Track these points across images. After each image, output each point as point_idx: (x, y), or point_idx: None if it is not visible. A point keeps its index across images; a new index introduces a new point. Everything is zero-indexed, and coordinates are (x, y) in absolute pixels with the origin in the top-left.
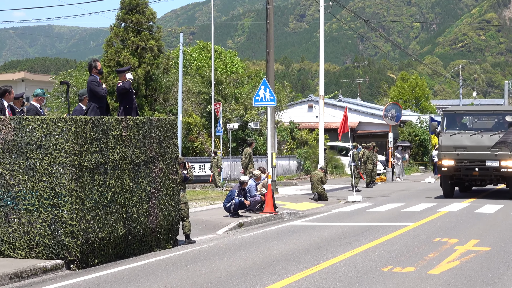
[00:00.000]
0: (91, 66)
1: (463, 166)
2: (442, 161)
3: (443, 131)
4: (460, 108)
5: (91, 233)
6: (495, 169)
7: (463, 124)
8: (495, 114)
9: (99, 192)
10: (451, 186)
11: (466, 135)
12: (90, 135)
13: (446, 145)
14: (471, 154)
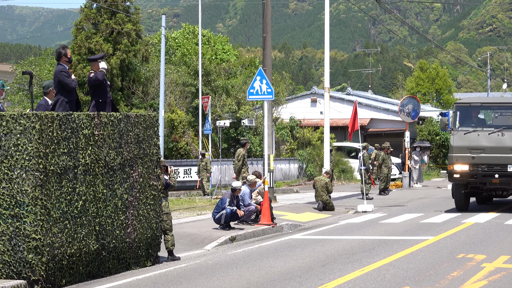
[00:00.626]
0: (60, 54)
1: (480, 172)
2: (454, 165)
3: (455, 129)
4: (476, 99)
5: (59, 248)
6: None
7: (480, 119)
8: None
9: (68, 201)
10: (466, 196)
11: (483, 134)
12: (57, 134)
13: (458, 145)
14: (490, 157)
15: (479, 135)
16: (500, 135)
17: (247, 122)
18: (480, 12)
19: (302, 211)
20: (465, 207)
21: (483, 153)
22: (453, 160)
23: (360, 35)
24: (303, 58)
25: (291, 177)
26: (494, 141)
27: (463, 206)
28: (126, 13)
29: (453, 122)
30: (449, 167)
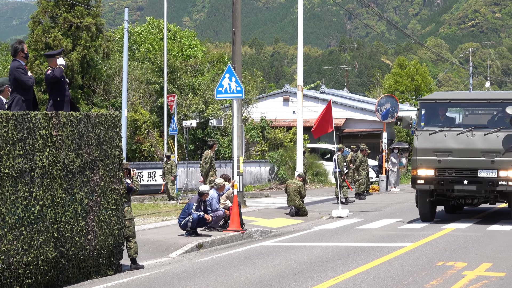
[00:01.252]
0: (17, 49)
1: (447, 178)
2: (418, 170)
3: (419, 128)
4: (443, 95)
5: (14, 256)
6: (492, 182)
7: (449, 118)
8: (492, 104)
9: (24, 206)
10: (431, 205)
11: (451, 134)
12: (13, 135)
13: (423, 147)
14: (459, 161)
15: (447, 136)
16: (470, 136)
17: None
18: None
19: (274, 216)
20: (430, 217)
21: (451, 156)
22: (416, 164)
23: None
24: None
25: (261, 181)
26: (463, 142)
27: (428, 216)
28: (86, 6)
29: (417, 121)
30: (412, 172)
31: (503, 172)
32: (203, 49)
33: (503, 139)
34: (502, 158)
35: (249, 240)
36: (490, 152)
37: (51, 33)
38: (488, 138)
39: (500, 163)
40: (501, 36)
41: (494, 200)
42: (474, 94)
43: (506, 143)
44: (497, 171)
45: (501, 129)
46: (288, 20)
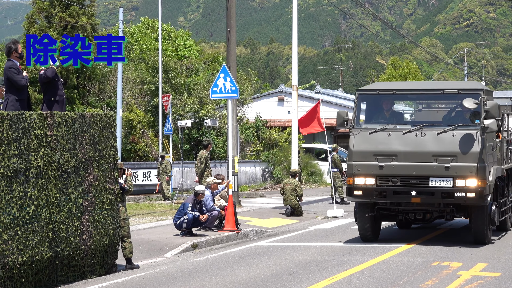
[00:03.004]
0: (10, 49)
1: (391, 188)
2: (355, 178)
3: (357, 126)
4: (386, 86)
5: (9, 256)
6: (446, 193)
7: (396, 114)
8: (447, 96)
9: (19, 206)
10: (373, 222)
11: (396, 134)
12: (8, 135)
13: (361, 150)
14: (405, 167)
15: (391, 136)
16: (419, 136)
17: (210, 122)
18: (456, 6)
19: (269, 216)
20: (372, 236)
21: (396, 161)
22: (353, 171)
23: (330, 30)
24: (269, 54)
25: (256, 181)
26: (411, 143)
27: (368, 234)
28: (81, 6)
29: (354, 117)
30: (347, 181)
31: (460, 180)
32: (198, 49)
33: (460, 140)
34: (459, 164)
35: (244, 240)
36: (444, 156)
37: (47, 32)
38: (442, 138)
39: (456, 170)
40: (495, 36)
41: (451, 215)
42: (425, 84)
43: (464, 144)
44: (452, 179)
45: (457, 127)
46: (283, 20)
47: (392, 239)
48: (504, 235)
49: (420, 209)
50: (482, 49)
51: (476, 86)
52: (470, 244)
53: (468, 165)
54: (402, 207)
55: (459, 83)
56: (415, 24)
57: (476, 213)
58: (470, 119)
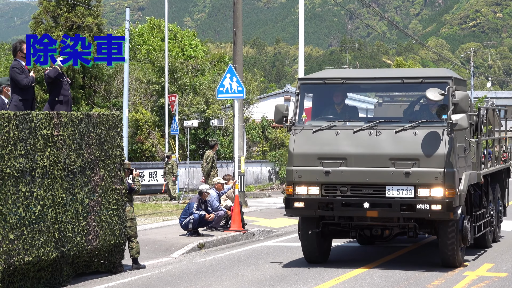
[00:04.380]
0: (16, 49)
1: (339, 199)
2: (295, 187)
3: (298, 123)
4: (335, 74)
5: (15, 256)
6: (406, 204)
7: (349, 108)
8: (408, 86)
9: (25, 206)
10: (320, 240)
11: (346, 132)
12: (14, 135)
13: (302, 152)
14: (356, 173)
15: (339, 135)
16: (374, 135)
17: (216, 122)
18: (463, 6)
19: (275, 216)
20: (318, 257)
21: (345, 166)
22: (293, 178)
23: (336, 30)
24: (276, 55)
25: (263, 181)
26: (363, 144)
27: (314, 255)
28: (87, 6)
29: (295, 111)
30: (286, 190)
31: (424, 189)
32: (204, 49)
33: (423, 139)
34: (421, 169)
35: (251, 240)
36: (403, 159)
37: (53, 33)
38: (401, 137)
39: (418, 176)
40: (502, 36)
41: (414, 232)
42: (383, 71)
43: (428, 145)
44: (414, 188)
45: (420, 124)
46: (289, 20)
47: (345, 260)
48: (482, 253)
49: (376, 225)
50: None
51: (443, 73)
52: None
53: (432, 171)
54: (355, 222)
55: (424, 70)
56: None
57: (444, 230)
58: (437, 114)
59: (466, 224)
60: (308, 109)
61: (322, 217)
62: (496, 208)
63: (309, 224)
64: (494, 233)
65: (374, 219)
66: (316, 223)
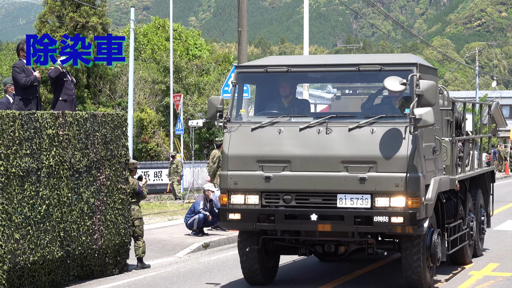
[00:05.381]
0: (17, 48)
1: (281, 211)
2: (231, 195)
3: (235, 119)
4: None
5: (21, 255)
6: (361, 217)
7: (300, 102)
8: (366, 75)
9: (31, 205)
10: (262, 256)
11: (290, 130)
12: (19, 134)
13: (239, 154)
14: (302, 179)
15: (282, 133)
16: (324, 133)
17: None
18: (468, 5)
19: None
20: (262, 278)
21: (288, 170)
22: (227, 184)
23: (341, 30)
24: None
25: None
26: (310, 144)
27: (255, 276)
28: (92, 6)
29: (232, 105)
30: (220, 199)
31: (382, 198)
32: (209, 48)
33: (381, 138)
34: (379, 174)
35: None
36: (358, 162)
37: (58, 32)
38: (356, 136)
39: (376, 182)
40: (507, 35)
41: (372, 248)
42: (337, 58)
43: (387, 145)
44: (371, 197)
45: (378, 120)
46: (294, 20)
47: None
48: (458, 271)
49: (329, 240)
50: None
51: (406, 59)
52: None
53: (392, 176)
54: (303, 237)
55: (386, 56)
56: (427, 23)
57: (408, 247)
58: (401, 108)
59: (436, 239)
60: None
61: (264, 231)
62: (477, 218)
63: (249, 239)
64: (475, 247)
65: (324, 234)
66: (254, 239)
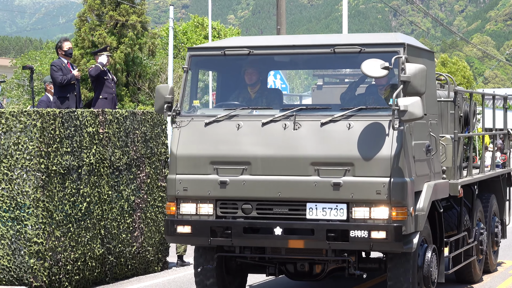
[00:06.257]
0: (56, 47)
1: (239, 223)
2: (180, 204)
3: (186, 112)
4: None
5: (62, 253)
6: (335, 231)
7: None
8: (343, 58)
9: (71, 203)
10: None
11: (251, 125)
12: (60, 132)
13: (189, 154)
14: (264, 184)
15: (241, 128)
16: (291, 129)
17: None
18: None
19: None
20: None
21: (248, 173)
22: (175, 191)
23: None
24: None
25: None
26: (275, 142)
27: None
28: (131, 4)
29: (183, 96)
30: (167, 207)
31: (361, 209)
32: None
33: (359, 135)
34: (357, 178)
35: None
36: (331, 164)
37: (97, 31)
38: (329, 132)
39: (353, 189)
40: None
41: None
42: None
43: (367, 144)
44: (347, 206)
45: (357, 112)
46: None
47: None
48: None
49: (300, 258)
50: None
51: (392, 38)
52: None
53: (373, 181)
54: (268, 255)
55: (370, 36)
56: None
57: (393, 267)
58: (386, 99)
59: (430, 257)
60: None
61: (221, 247)
62: (489, 228)
63: (204, 256)
64: (487, 262)
65: (291, 251)
66: (208, 255)
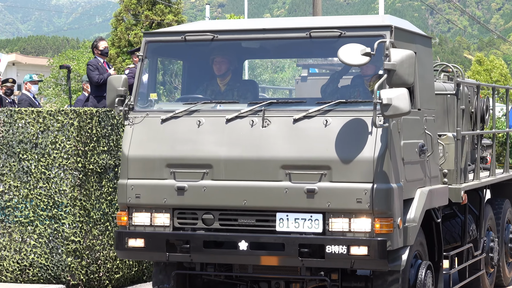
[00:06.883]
0: (92, 46)
1: (199, 236)
2: (134, 213)
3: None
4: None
5: (100, 251)
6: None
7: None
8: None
9: (108, 201)
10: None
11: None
12: (97, 131)
13: (143, 155)
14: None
15: (202, 126)
16: (259, 126)
17: None
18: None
19: None
20: None
21: (210, 178)
22: (127, 198)
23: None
24: None
25: None
26: (240, 142)
27: None
28: (167, 3)
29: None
30: (118, 217)
31: (339, 219)
32: None
33: (338, 134)
34: (335, 184)
35: None
36: (305, 167)
37: (133, 30)
38: (303, 130)
39: (330, 196)
40: None
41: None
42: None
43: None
44: (323, 216)
45: (335, 107)
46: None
47: None
48: None
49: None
50: None
51: (377, 20)
52: None
53: (353, 187)
54: (236, 273)
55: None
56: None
57: (379, 286)
58: (372, 91)
59: (423, 274)
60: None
61: (180, 263)
62: (502, 238)
63: (164, 272)
64: (499, 275)
65: (259, 269)
66: (165, 275)
